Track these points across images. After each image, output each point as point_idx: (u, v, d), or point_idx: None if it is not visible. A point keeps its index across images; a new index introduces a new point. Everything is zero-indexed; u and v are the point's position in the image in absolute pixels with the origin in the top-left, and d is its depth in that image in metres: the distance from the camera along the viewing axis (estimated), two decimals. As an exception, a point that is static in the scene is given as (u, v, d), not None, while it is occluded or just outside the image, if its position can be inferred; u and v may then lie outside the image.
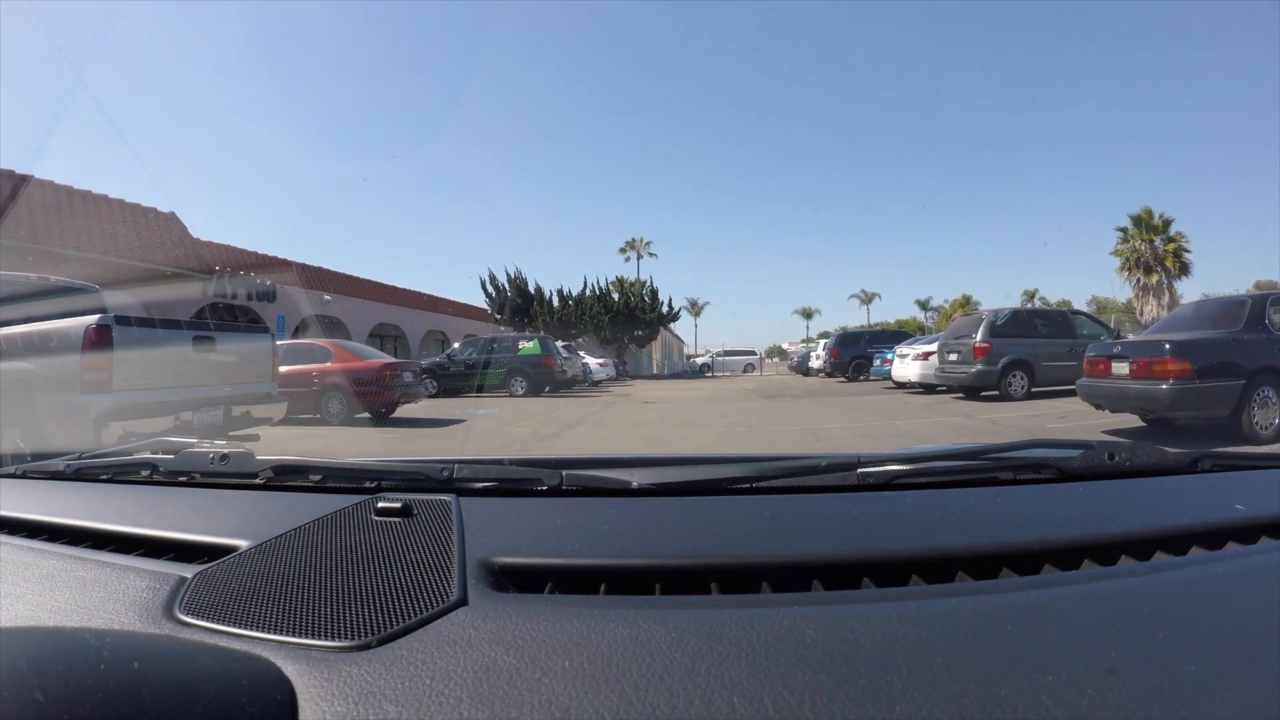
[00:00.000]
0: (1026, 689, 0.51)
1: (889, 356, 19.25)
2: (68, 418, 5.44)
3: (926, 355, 15.91)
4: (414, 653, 0.60)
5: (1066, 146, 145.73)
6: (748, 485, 1.01)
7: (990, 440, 1.14)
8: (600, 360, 30.10)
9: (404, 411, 13.27)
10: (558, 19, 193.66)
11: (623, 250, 66.78)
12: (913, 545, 0.79)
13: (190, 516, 1.03)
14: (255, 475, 1.17)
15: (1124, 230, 37.41)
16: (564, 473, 1.04)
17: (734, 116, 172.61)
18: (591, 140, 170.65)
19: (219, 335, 6.67)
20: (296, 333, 22.73)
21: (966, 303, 69.37)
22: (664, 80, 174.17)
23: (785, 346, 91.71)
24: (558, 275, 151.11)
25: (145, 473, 1.27)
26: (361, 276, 30.13)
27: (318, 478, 1.14)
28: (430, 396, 18.76)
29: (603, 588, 0.74)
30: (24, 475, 1.39)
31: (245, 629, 0.67)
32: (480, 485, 1.05)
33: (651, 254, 67.40)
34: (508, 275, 38.08)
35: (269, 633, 0.65)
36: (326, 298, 26.79)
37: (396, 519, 0.88)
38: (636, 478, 1.03)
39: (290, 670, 0.58)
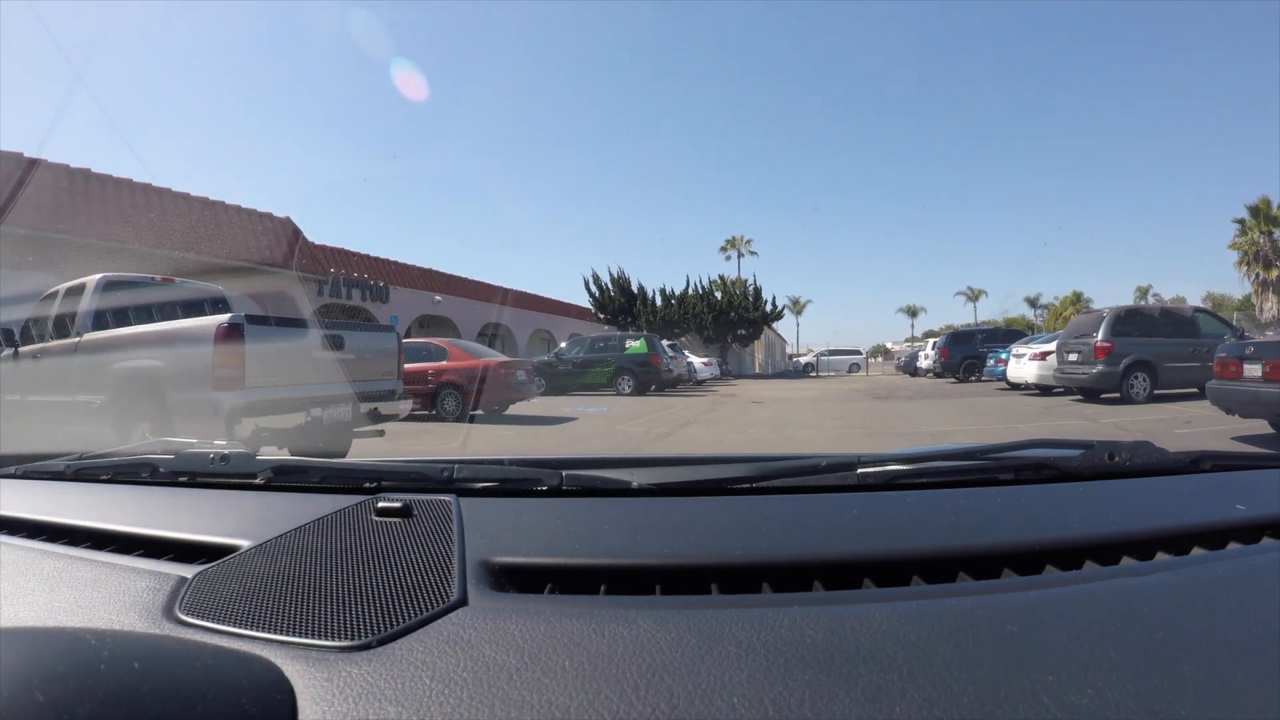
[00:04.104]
0: (1027, 689, 0.50)
1: (1003, 356, 18.43)
2: (200, 414, 5.54)
3: (1044, 355, 15.09)
4: (414, 653, 0.60)
5: (1180, 141, 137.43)
6: (748, 485, 1.01)
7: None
8: (704, 359, 29.99)
9: (516, 409, 13.33)
10: (661, 17, 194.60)
11: (723, 249, 66.45)
12: (913, 545, 0.78)
13: (190, 516, 1.03)
14: (255, 475, 1.16)
15: (1241, 222, 35.00)
16: (564, 473, 1.04)
17: (836, 113, 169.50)
18: (692, 138, 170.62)
19: (347, 334, 6.69)
20: (409, 333, 23.26)
21: (1077, 300, 67.10)
22: (766, 78, 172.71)
23: (890, 346, 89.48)
24: (659, 274, 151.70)
25: (145, 473, 1.27)
26: (470, 277, 30.96)
27: (318, 478, 1.14)
28: (539, 395, 19.18)
29: (603, 588, 0.74)
30: (24, 475, 1.39)
31: (245, 629, 0.67)
32: (480, 485, 1.05)
33: (752, 252, 66.95)
34: (611, 275, 38.15)
35: (269, 633, 0.65)
36: (437, 298, 27.36)
37: (396, 519, 0.87)
38: (637, 478, 1.03)
39: (290, 670, 0.58)
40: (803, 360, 53.85)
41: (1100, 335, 12.87)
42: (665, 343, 23.31)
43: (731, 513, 0.92)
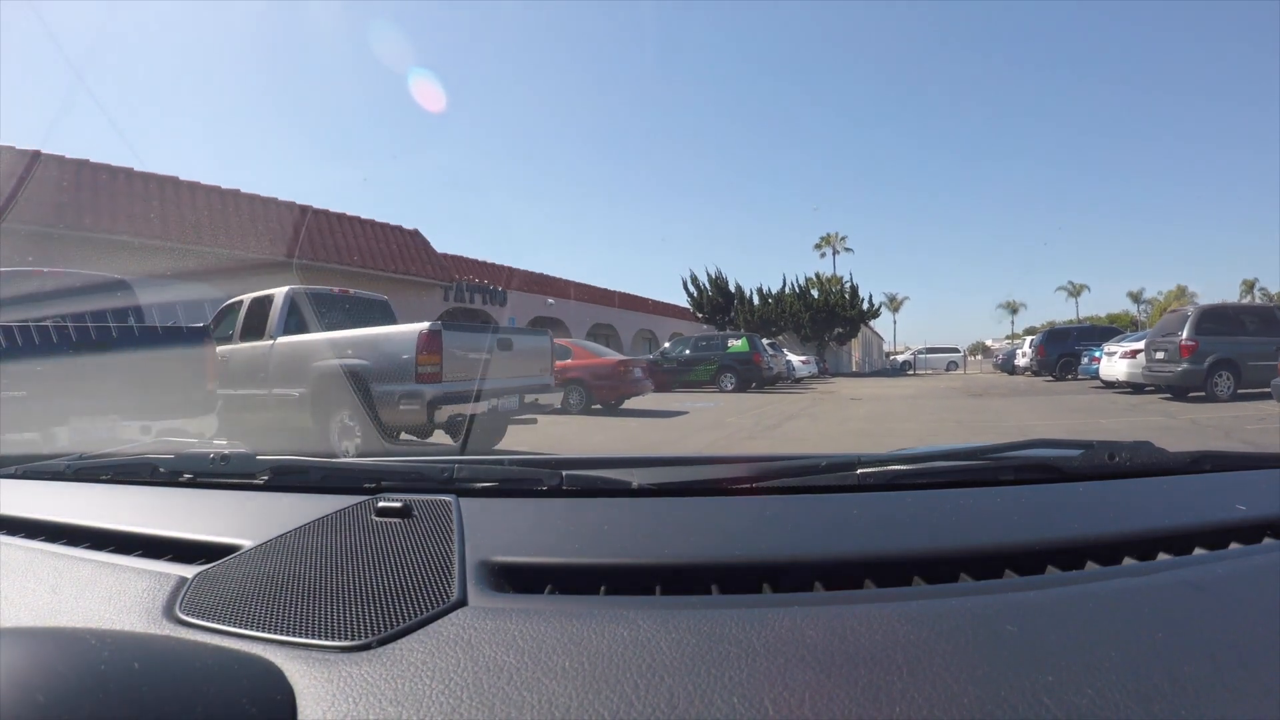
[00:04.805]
0: (1027, 689, 0.51)
1: (1097, 354, 18.52)
2: (406, 402, 6.75)
3: (1134, 353, 15.28)
4: (414, 653, 0.60)
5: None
6: (748, 485, 1.01)
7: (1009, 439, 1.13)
8: (802, 358, 30.68)
9: (630, 404, 14.56)
10: (754, 17, 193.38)
11: (818, 246, 65.61)
12: (914, 545, 0.78)
13: (190, 516, 1.03)
14: (255, 475, 1.17)
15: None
16: (564, 473, 1.04)
17: (929, 105, 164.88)
18: (785, 134, 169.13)
19: (514, 338, 8.06)
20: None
21: (1181, 294, 65.00)
22: (861, 73, 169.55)
23: (989, 343, 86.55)
24: (755, 273, 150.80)
25: (145, 473, 1.27)
26: (579, 280, 33.15)
27: (318, 478, 1.15)
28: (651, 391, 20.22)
29: (603, 588, 0.74)
30: (24, 475, 1.39)
31: (245, 629, 0.67)
32: (480, 485, 1.05)
33: (847, 249, 65.94)
34: (708, 275, 38.86)
35: (269, 633, 0.66)
36: (550, 301, 29.59)
37: (396, 519, 0.88)
38: (637, 478, 1.03)
39: (290, 670, 0.58)
40: (900, 358, 53.31)
41: (1184, 334, 13.17)
42: (765, 341, 23.97)
43: (732, 513, 0.93)
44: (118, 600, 0.77)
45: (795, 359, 28.95)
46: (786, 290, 39.39)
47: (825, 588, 0.72)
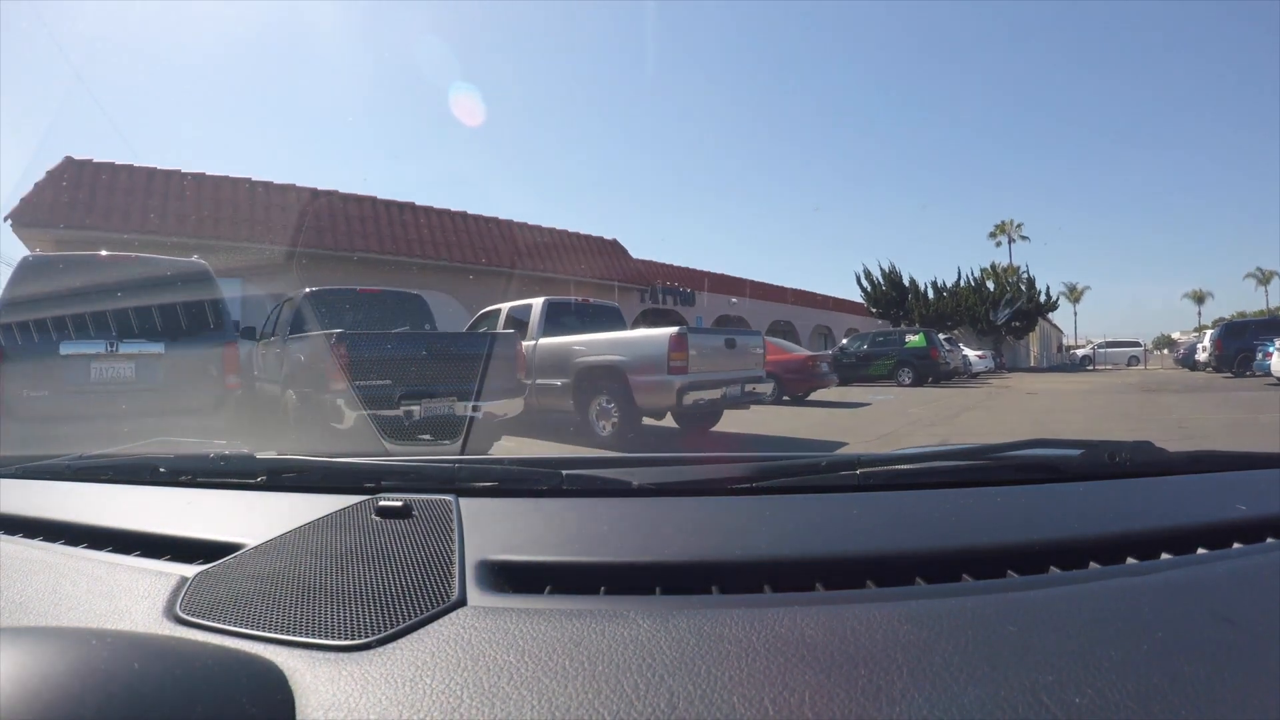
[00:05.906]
0: (1027, 689, 0.50)
1: (1270, 349, 17.67)
2: (659, 390, 8.25)
3: None
4: (414, 653, 0.60)
5: None
6: (748, 485, 1.00)
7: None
8: (979, 352, 30.57)
9: (816, 395, 15.63)
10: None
11: (992, 234, 61.56)
12: (915, 545, 0.78)
13: (190, 516, 1.03)
14: (255, 475, 1.16)
15: None
16: (564, 472, 1.04)
17: (1110, 88, 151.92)
18: (958, 121, 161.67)
19: (736, 337, 9.52)
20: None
21: None
22: (1035, 58, 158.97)
23: (1175, 336, 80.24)
24: (928, 265, 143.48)
25: (146, 473, 1.27)
26: (759, 280, 34.57)
27: (318, 478, 1.15)
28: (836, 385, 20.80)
29: (602, 588, 0.74)
30: (24, 474, 1.38)
31: (245, 629, 0.67)
32: (480, 485, 1.05)
33: (1023, 237, 61.60)
34: (881, 270, 38.78)
35: (269, 632, 0.66)
36: (733, 300, 31.39)
37: (397, 519, 0.88)
38: (637, 477, 1.03)
39: (290, 670, 0.58)
40: (1080, 353, 50.92)
41: None
42: (941, 336, 24.32)
43: (732, 513, 0.93)
44: (118, 600, 0.77)
45: (971, 354, 28.72)
46: (961, 283, 38.52)
47: (826, 588, 0.72)
